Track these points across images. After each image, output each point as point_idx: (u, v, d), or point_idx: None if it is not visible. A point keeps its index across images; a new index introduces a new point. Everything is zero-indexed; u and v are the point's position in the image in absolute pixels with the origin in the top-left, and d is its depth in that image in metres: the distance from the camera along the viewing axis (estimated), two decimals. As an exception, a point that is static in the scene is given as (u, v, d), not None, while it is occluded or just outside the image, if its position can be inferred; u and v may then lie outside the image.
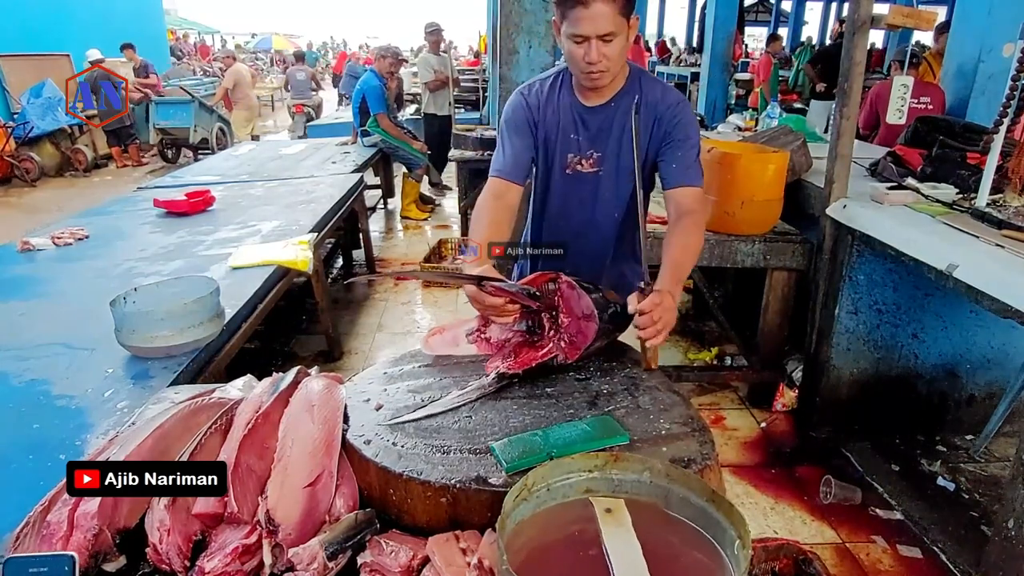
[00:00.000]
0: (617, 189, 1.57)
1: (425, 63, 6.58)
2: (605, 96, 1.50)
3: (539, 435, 1.02)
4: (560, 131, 1.54)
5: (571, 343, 1.26)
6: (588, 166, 1.55)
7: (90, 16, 10.89)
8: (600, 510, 0.81)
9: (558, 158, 1.56)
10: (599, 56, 1.34)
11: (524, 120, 1.54)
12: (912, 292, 2.50)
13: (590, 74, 1.39)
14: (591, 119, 1.52)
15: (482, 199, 1.54)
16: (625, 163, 1.53)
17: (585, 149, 1.54)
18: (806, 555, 1.12)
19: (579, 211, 1.60)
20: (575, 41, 1.35)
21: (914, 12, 2.28)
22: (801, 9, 16.66)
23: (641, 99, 1.47)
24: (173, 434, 1.00)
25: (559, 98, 1.53)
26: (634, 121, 1.41)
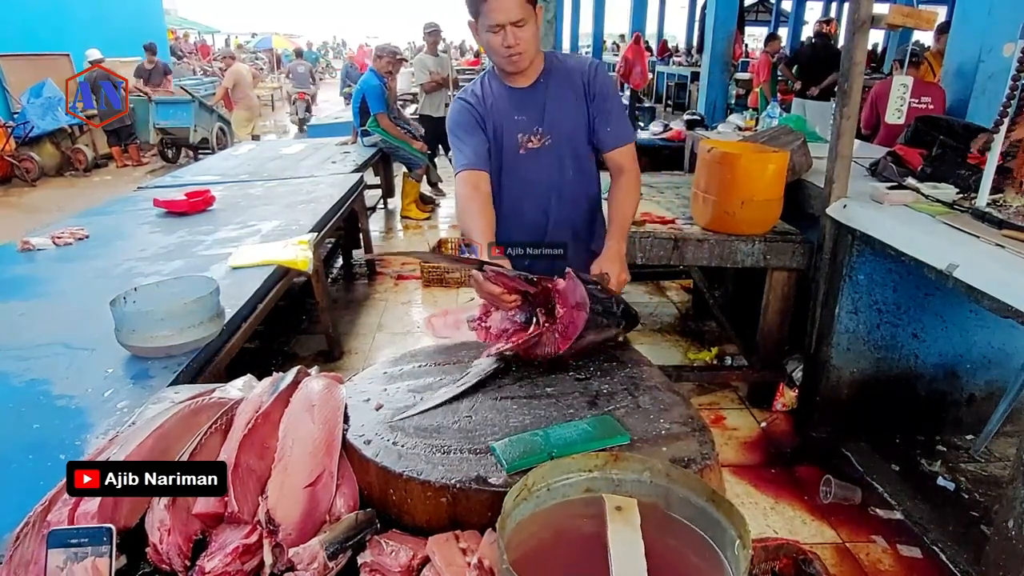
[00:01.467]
0: (572, 154, 1.71)
1: (421, 64, 6.57)
2: (531, 77, 1.66)
3: (539, 435, 1.02)
4: (504, 116, 1.68)
5: (562, 334, 1.27)
6: (537, 142, 1.69)
7: (90, 16, 10.88)
8: (610, 507, 0.81)
9: (511, 140, 1.69)
10: (515, 40, 1.51)
11: (471, 117, 1.68)
12: (912, 292, 2.50)
13: (511, 57, 1.55)
14: (526, 98, 1.67)
15: (463, 193, 1.64)
16: (567, 130, 1.68)
17: (531, 126, 1.67)
18: (806, 555, 1.12)
19: (540, 184, 1.73)
20: (493, 31, 1.51)
21: (914, 12, 2.28)
22: (801, 9, 16.66)
23: (564, 71, 1.67)
24: (173, 434, 1.00)
25: (492, 89, 1.70)
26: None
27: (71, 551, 0.81)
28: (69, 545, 0.81)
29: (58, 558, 0.80)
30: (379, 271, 4.87)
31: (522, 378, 1.25)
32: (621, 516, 0.80)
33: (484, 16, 1.51)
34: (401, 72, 7.07)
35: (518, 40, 1.52)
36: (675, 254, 2.74)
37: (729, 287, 3.94)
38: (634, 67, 7.11)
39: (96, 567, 0.80)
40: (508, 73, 1.64)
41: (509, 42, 1.52)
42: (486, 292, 1.32)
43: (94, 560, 0.80)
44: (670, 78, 14.26)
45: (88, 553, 0.81)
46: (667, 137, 5.32)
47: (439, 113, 6.61)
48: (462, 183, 1.65)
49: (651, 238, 2.73)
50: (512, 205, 1.75)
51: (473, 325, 1.37)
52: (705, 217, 2.76)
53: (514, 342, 1.27)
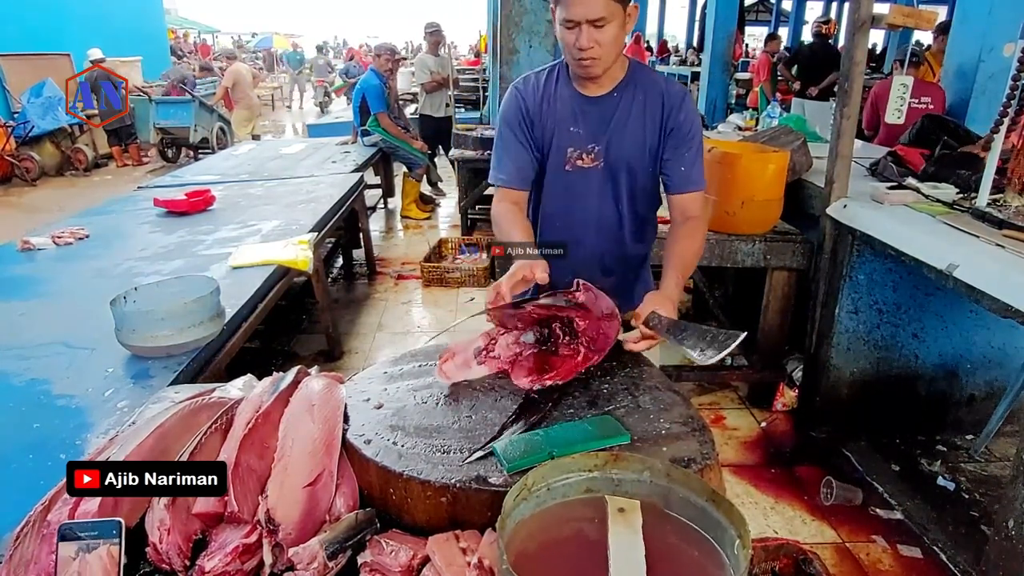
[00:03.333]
0: (620, 184, 1.51)
1: (422, 64, 6.57)
2: (606, 87, 1.45)
3: (540, 435, 1.02)
4: (558, 124, 1.47)
5: (591, 347, 1.23)
6: (589, 161, 1.48)
7: (90, 16, 10.89)
8: (613, 509, 0.81)
9: (558, 154, 1.50)
10: (590, 42, 1.31)
11: (520, 119, 1.50)
12: (912, 292, 2.50)
13: (581, 61, 1.35)
14: (591, 110, 1.46)
15: (502, 208, 1.50)
16: (628, 156, 1.47)
17: (585, 142, 1.47)
18: (806, 555, 1.12)
19: (581, 211, 1.54)
20: (567, 26, 1.33)
21: (914, 12, 2.28)
22: (801, 9, 16.65)
23: (645, 89, 1.45)
24: (173, 434, 1.00)
25: (556, 89, 1.48)
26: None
27: (82, 543, 0.82)
28: (79, 538, 0.82)
29: (69, 549, 0.82)
30: (379, 271, 4.88)
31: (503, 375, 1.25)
32: (623, 518, 0.80)
33: (561, 7, 1.31)
34: (401, 72, 7.06)
35: (594, 42, 1.31)
36: (675, 254, 2.73)
37: (729, 287, 3.94)
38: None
39: (110, 554, 0.82)
40: (579, 77, 1.44)
41: (583, 43, 1.31)
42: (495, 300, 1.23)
43: (107, 548, 0.82)
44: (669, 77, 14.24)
45: (100, 544, 0.82)
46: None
47: (439, 113, 6.61)
48: (502, 198, 1.50)
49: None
50: (546, 225, 1.58)
51: (481, 359, 1.25)
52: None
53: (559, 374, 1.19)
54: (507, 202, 1.51)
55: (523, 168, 1.51)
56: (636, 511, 0.80)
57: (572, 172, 1.50)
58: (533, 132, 1.50)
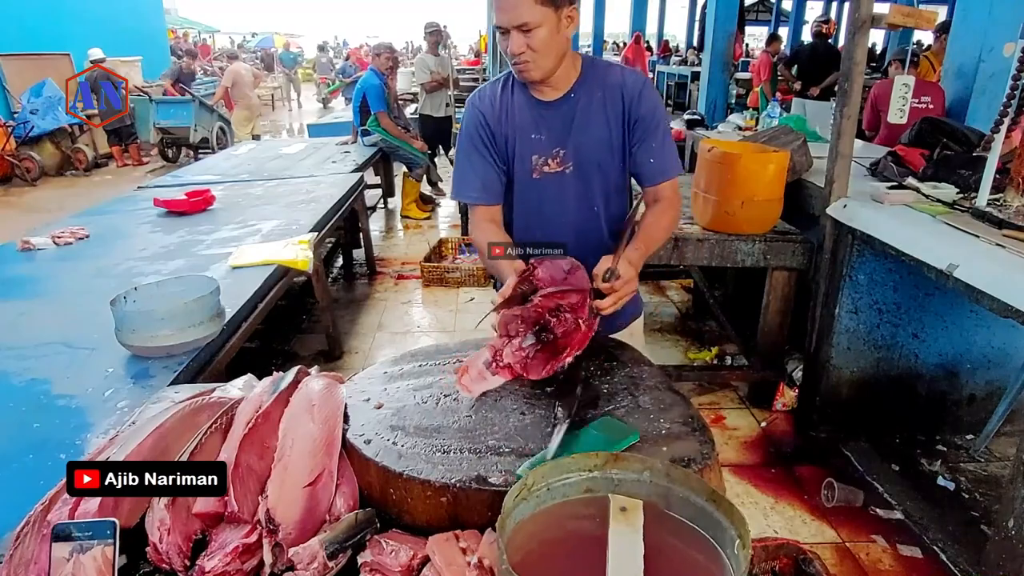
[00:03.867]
0: (592, 184, 1.48)
1: (422, 64, 6.57)
2: (561, 89, 1.43)
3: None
4: (519, 132, 1.45)
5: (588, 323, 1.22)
6: (555, 166, 1.46)
7: (90, 16, 10.89)
8: (615, 508, 0.81)
9: (523, 163, 1.47)
10: (520, 47, 1.30)
11: (481, 133, 1.48)
12: (912, 292, 2.50)
13: (515, 65, 1.35)
14: (550, 114, 1.44)
15: (479, 226, 1.50)
16: (595, 156, 1.45)
17: (549, 148, 1.45)
18: (806, 555, 1.12)
19: (556, 217, 1.51)
20: (500, 32, 1.33)
21: (914, 11, 2.28)
22: (801, 9, 16.64)
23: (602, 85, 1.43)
24: (173, 434, 1.00)
25: (513, 98, 1.46)
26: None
27: (76, 543, 0.81)
28: (73, 538, 0.81)
29: (63, 550, 0.81)
30: (379, 271, 4.88)
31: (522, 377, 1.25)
32: (624, 517, 0.80)
33: (495, 13, 1.31)
34: (401, 72, 7.03)
35: (524, 47, 1.30)
36: (675, 254, 2.74)
37: (729, 287, 3.95)
38: (634, 67, 7.11)
39: (104, 555, 0.81)
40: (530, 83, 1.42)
41: (514, 49, 1.30)
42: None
43: (102, 549, 0.81)
44: (670, 78, 14.26)
45: (94, 544, 0.82)
46: (667, 137, 5.30)
47: (440, 113, 6.61)
48: (479, 216, 1.50)
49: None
50: (522, 233, 1.54)
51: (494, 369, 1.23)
52: (705, 217, 2.76)
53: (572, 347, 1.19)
54: (484, 221, 1.50)
55: (489, 183, 1.49)
56: (638, 510, 0.80)
57: (541, 179, 1.48)
58: (495, 144, 1.48)
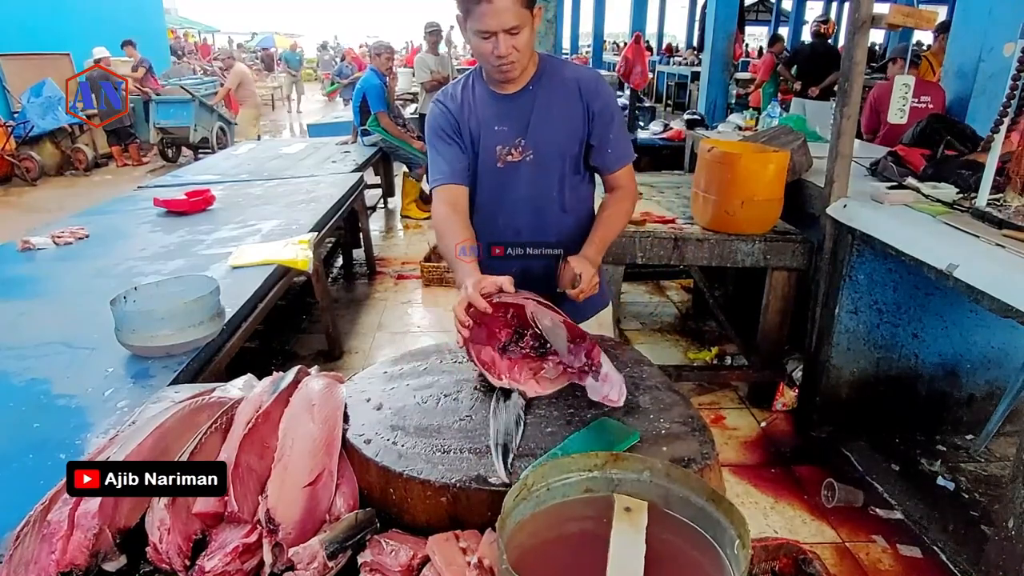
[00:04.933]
0: (551, 173, 1.55)
1: (422, 63, 6.57)
2: (520, 83, 1.50)
3: (559, 453, 1.02)
4: (483, 125, 1.53)
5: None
6: (517, 155, 1.53)
7: (90, 16, 10.90)
8: (620, 507, 0.81)
9: (487, 153, 1.54)
10: (508, 49, 1.36)
11: (447, 125, 1.54)
12: (912, 292, 2.50)
13: (500, 67, 1.40)
14: (511, 107, 1.51)
15: (439, 212, 1.52)
16: (555, 145, 1.53)
17: (511, 137, 1.52)
18: (806, 555, 1.12)
19: (519, 202, 1.57)
20: (483, 37, 1.36)
21: (914, 11, 2.28)
22: (802, 8, 16.66)
23: (559, 80, 1.51)
24: (173, 433, 1.00)
25: (474, 94, 1.54)
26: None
27: None
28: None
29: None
30: (379, 271, 4.88)
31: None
32: (628, 517, 0.80)
33: (474, 19, 1.34)
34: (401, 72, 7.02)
35: (511, 49, 1.36)
36: (675, 254, 2.74)
37: (729, 287, 3.94)
38: (634, 67, 7.09)
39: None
40: (495, 80, 1.50)
41: (500, 51, 1.36)
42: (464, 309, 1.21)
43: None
44: (670, 78, 14.27)
45: None
46: (667, 137, 5.33)
47: (440, 112, 6.59)
48: (439, 201, 1.53)
49: (651, 237, 2.74)
50: (484, 223, 1.59)
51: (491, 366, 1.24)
52: (705, 217, 2.76)
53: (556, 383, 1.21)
54: (444, 205, 1.52)
55: (455, 164, 1.54)
56: (642, 511, 0.80)
57: (504, 168, 1.54)
58: (460, 135, 1.54)
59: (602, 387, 1.15)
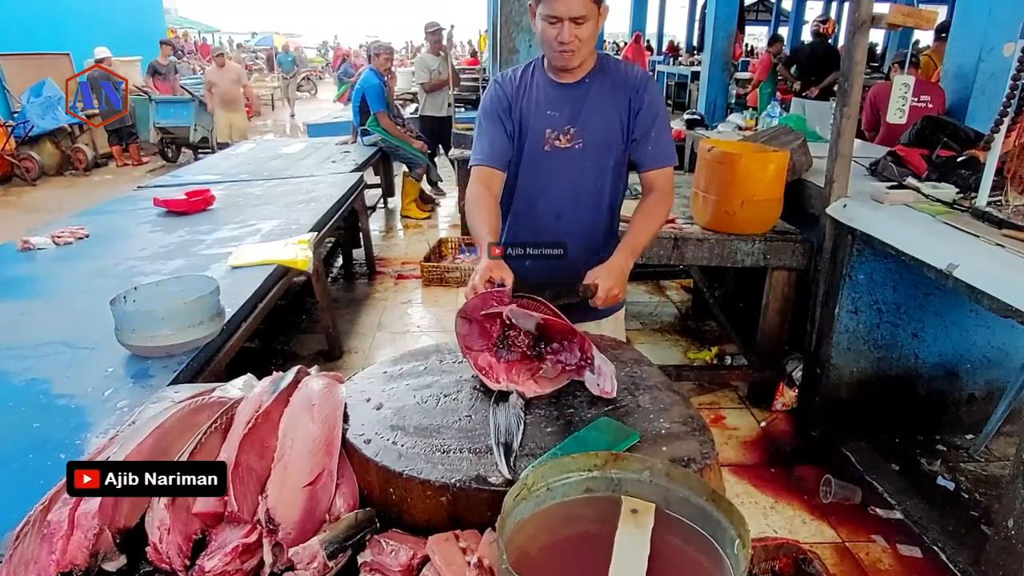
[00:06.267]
0: (597, 161, 1.62)
1: (422, 64, 6.57)
2: (578, 75, 1.58)
3: (558, 453, 1.02)
4: (536, 108, 1.60)
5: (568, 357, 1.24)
6: (566, 141, 1.59)
7: (90, 16, 10.89)
8: (626, 509, 0.81)
9: (536, 136, 1.60)
10: (571, 37, 1.44)
11: (500, 105, 1.61)
12: (912, 291, 2.50)
13: (562, 53, 1.48)
14: (566, 95, 1.59)
15: (474, 191, 1.58)
16: (602, 136, 1.60)
17: (562, 124, 1.59)
18: (806, 554, 1.12)
19: (560, 188, 1.64)
20: (550, 22, 1.45)
21: (914, 11, 2.28)
22: (801, 8, 16.64)
23: (613, 76, 1.59)
24: (173, 433, 1.00)
25: (533, 79, 1.62)
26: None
27: None
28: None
29: None
30: (379, 271, 4.88)
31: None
32: (634, 519, 0.80)
33: (544, 4, 1.43)
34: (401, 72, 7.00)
35: (574, 37, 1.45)
36: (675, 253, 2.74)
37: (729, 287, 3.94)
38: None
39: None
40: (555, 67, 1.58)
41: (564, 38, 1.45)
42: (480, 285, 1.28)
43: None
44: (670, 77, 14.26)
45: None
46: (667, 137, 5.30)
47: (440, 113, 6.61)
48: (475, 179, 1.59)
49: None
50: (526, 204, 1.67)
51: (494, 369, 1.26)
52: (705, 216, 2.76)
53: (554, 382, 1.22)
54: (480, 184, 1.58)
55: (498, 148, 1.60)
56: (649, 513, 0.80)
57: (551, 152, 1.61)
58: (511, 116, 1.61)
59: (597, 379, 1.16)
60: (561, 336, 1.23)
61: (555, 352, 1.23)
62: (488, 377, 1.21)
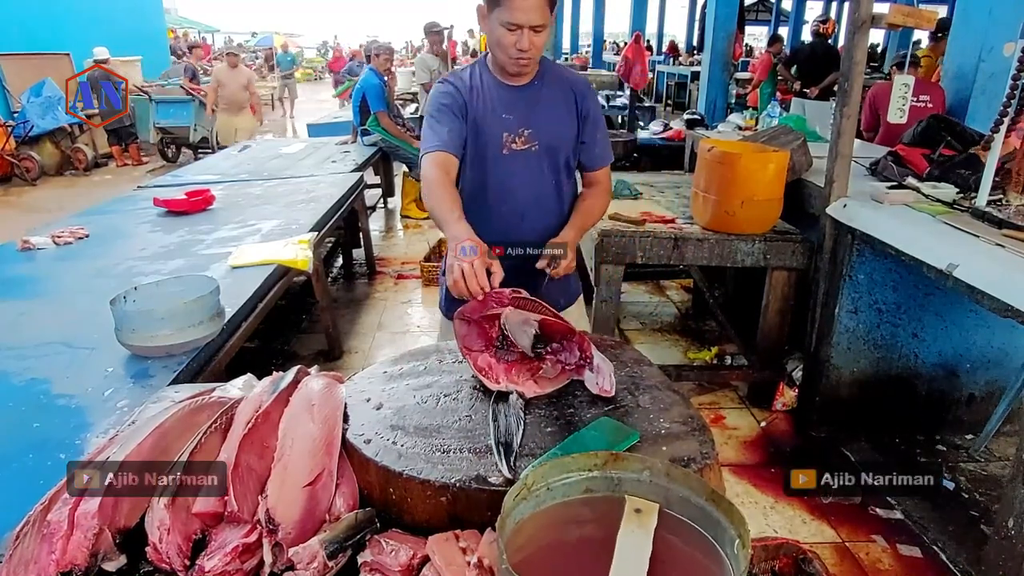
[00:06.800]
0: (552, 162, 1.67)
1: (423, 64, 6.56)
2: (527, 78, 1.62)
3: (558, 453, 1.02)
4: (491, 112, 1.61)
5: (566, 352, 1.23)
6: (522, 143, 1.63)
7: (90, 16, 10.89)
8: (630, 509, 0.81)
9: (493, 140, 1.62)
10: (530, 44, 1.47)
11: (454, 103, 1.60)
12: (912, 291, 2.50)
13: (519, 60, 1.51)
14: (518, 98, 1.62)
15: (433, 176, 1.54)
16: (555, 137, 1.65)
17: (517, 126, 1.61)
18: (806, 554, 1.12)
19: (521, 189, 1.67)
20: (509, 29, 1.46)
21: (914, 11, 2.28)
22: (801, 8, 16.64)
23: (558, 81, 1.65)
24: (173, 433, 1.00)
25: (482, 82, 1.63)
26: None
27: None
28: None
29: None
30: (379, 271, 4.88)
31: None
32: (637, 519, 0.80)
33: (504, 10, 1.43)
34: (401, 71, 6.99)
35: (532, 45, 1.47)
36: (675, 253, 2.74)
37: (729, 287, 3.94)
38: (634, 67, 7.10)
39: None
40: (508, 72, 1.59)
41: (524, 45, 1.47)
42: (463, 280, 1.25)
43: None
44: (670, 77, 14.27)
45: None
46: (667, 137, 5.32)
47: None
48: (432, 163, 1.55)
49: (651, 237, 2.73)
50: (491, 207, 1.67)
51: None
52: (705, 216, 2.76)
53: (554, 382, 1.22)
54: (438, 168, 1.55)
55: (456, 138, 1.59)
56: (652, 513, 0.80)
57: (509, 155, 1.64)
58: (466, 118, 1.61)
59: (596, 378, 1.17)
60: (560, 336, 1.23)
61: (555, 352, 1.23)
62: (488, 378, 1.21)
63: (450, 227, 1.39)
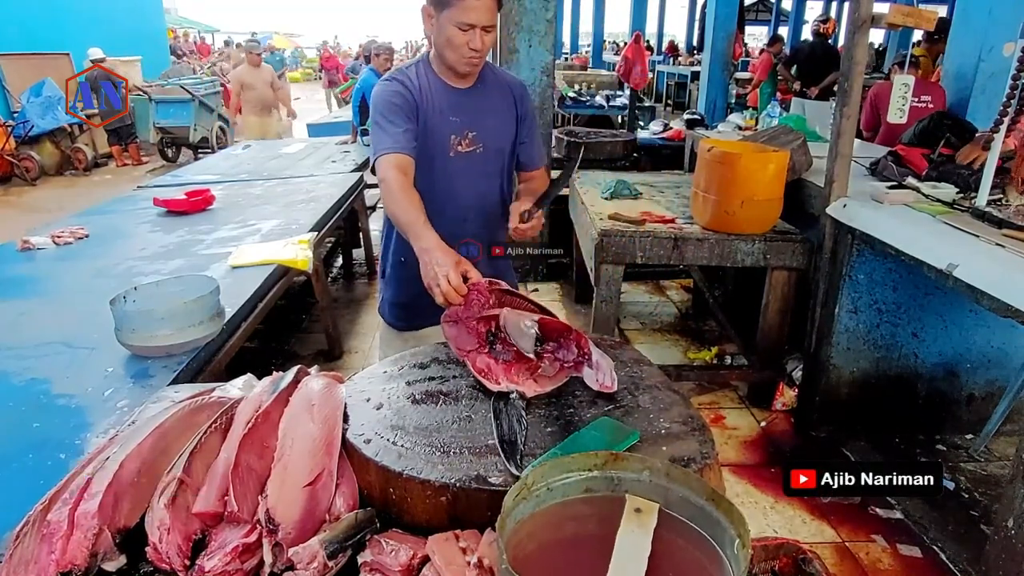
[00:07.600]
0: (495, 164, 1.72)
1: None
2: (471, 80, 1.64)
3: (558, 453, 1.02)
4: (439, 114, 1.62)
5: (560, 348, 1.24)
6: (467, 145, 1.65)
7: (90, 16, 10.89)
8: (630, 508, 0.81)
9: (441, 142, 1.63)
10: (482, 43, 1.50)
11: (406, 103, 1.58)
12: (912, 291, 2.50)
13: (471, 59, 1.53)
14: (463, 99, 1.64)
15: (393, 176, 1.50)
16: (498, 139, 1.69)
17: (463, 128, 1.64)
18: (806, 554, 1.12)
19: (466, 190, 1.69)
20: (462, 28, 1.48)
21: (914, 11, 2.28)
22: (801, 8, 16.65)
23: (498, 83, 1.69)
24: (173, 433, 1.00)
25: (430, 83, 1.63)
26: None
27: None
28: None
29: None
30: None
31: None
32: (637, 518, 0.80)
33: (456, 10, 1.45)
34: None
35: (483, 45, 1.50)
36: (675, 253, 2.74)
37: (729, 287, 3.94)
38: (634, 67, 7.10)
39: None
40: (454, 72, 1.59)
41: (476, 45, 1.49)
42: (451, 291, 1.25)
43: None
44: (670, 77, 14.27)
45: None
46: (667, 137, 5.32)
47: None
48: (392, 167, 1.51)
49: (651, 237, 2.74)
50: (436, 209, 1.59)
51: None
52: (705, 216, 2.76)
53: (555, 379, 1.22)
54: (397, 171, 1.52)
55: (410, 136, 1.57)
56: (652, 513, 0.80)
57: (455, 157, 1.65)
58: (416, 119, 1.61)
59: (596, 374, 1.17)
60: (557, 334, 1.23)
61: (552, 350, 1.23)
62: (487, 379, 1.21)
63: (419, 235, 1.38)
